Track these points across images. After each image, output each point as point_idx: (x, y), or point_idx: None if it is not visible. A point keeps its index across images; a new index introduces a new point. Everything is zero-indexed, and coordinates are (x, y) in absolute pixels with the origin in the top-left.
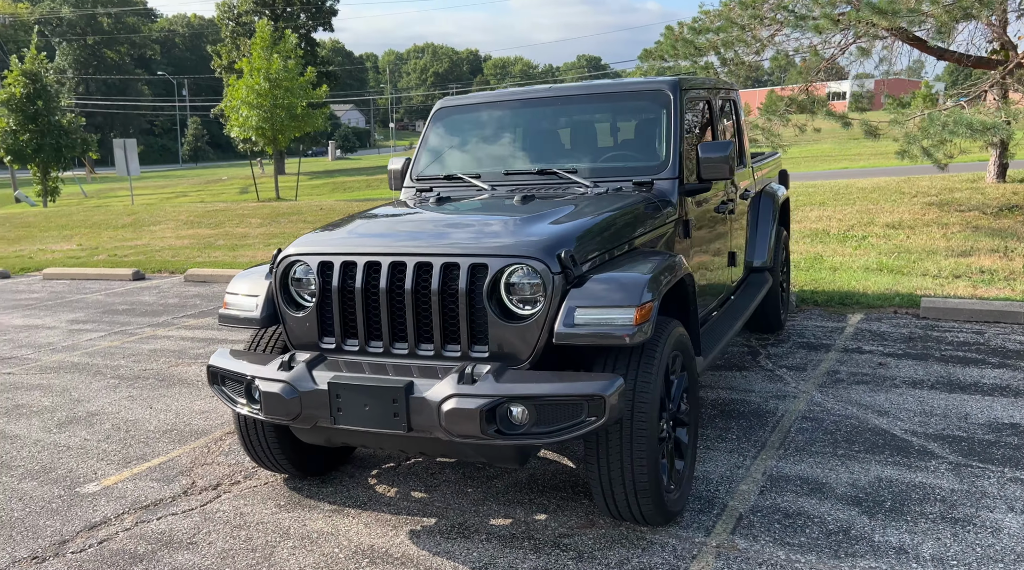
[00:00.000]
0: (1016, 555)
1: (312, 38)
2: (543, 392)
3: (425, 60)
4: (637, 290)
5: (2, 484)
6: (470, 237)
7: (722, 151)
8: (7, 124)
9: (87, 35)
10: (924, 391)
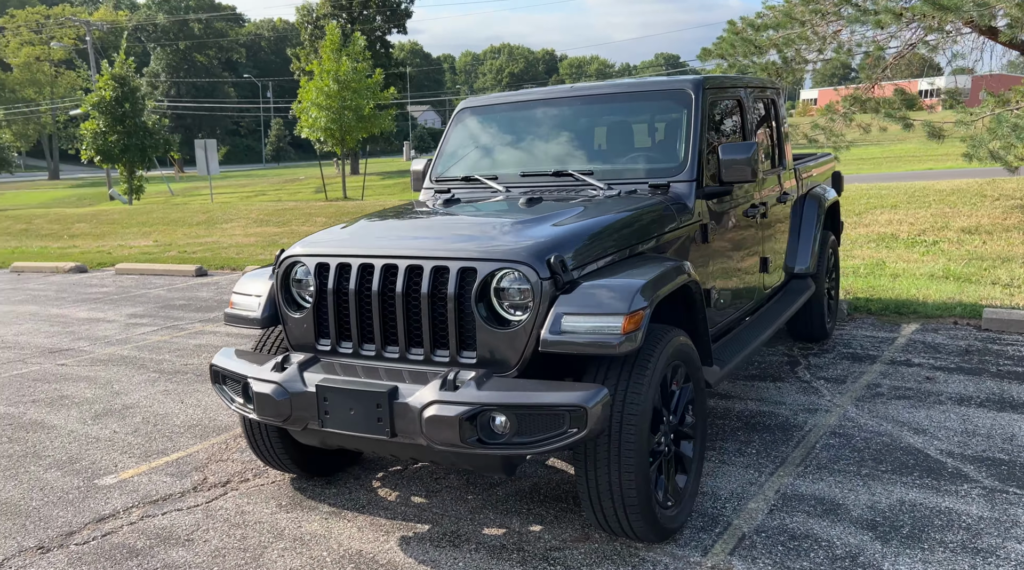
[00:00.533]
0: None
1: (387, 40)
2: (523, 401)
3: (501, 61)
4: (627, 298)
5: (29, 473)
6: (462, 240)
7: (744, 153)
8: (97, 126)
9: (179, 40)
10: (970, 409)
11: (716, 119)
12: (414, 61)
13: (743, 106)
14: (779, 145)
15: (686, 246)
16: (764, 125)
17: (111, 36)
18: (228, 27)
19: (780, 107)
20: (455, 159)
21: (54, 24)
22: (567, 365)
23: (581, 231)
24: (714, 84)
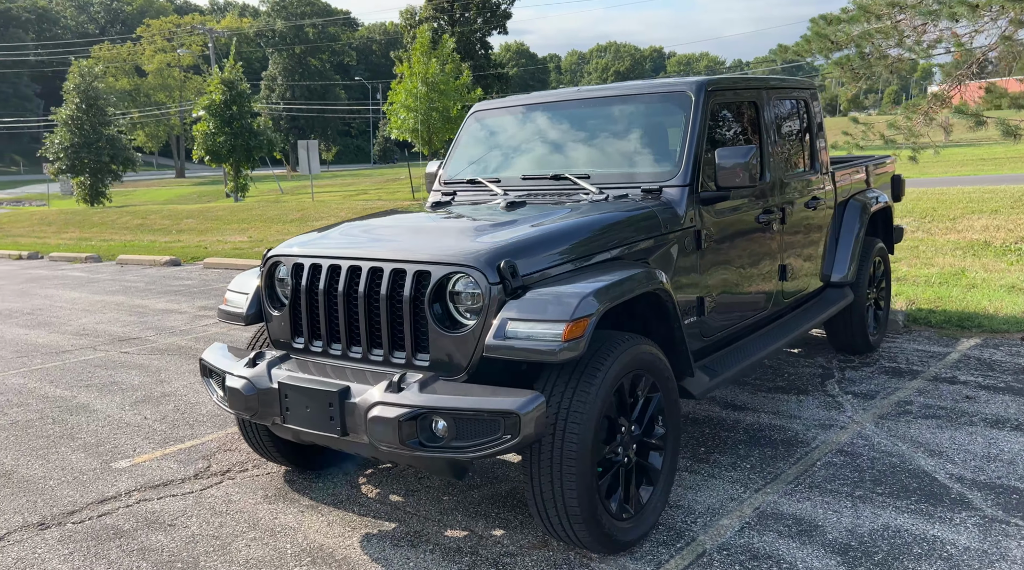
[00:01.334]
0: None
1: (487, 42)
2: (459, 406)
3: (607, 59)
4: (570, 305)
5: (58, 454)
6: (423, 244)
7: (741, 157)
8: (207, 127)
9: (295, 45)
10: (1003, 432)
11: (724, 123)
12: (519, 62)
13: (760, 109)
14: (811, 148)
15: (672, 253)
16: (790, 128)
17: (236, 42)
18: (340, 31)
19: (813, 109)
20: (464, 161)
21: (183, 32)
22: (529, 371)
23: (541, 237)
24: (720, 86)
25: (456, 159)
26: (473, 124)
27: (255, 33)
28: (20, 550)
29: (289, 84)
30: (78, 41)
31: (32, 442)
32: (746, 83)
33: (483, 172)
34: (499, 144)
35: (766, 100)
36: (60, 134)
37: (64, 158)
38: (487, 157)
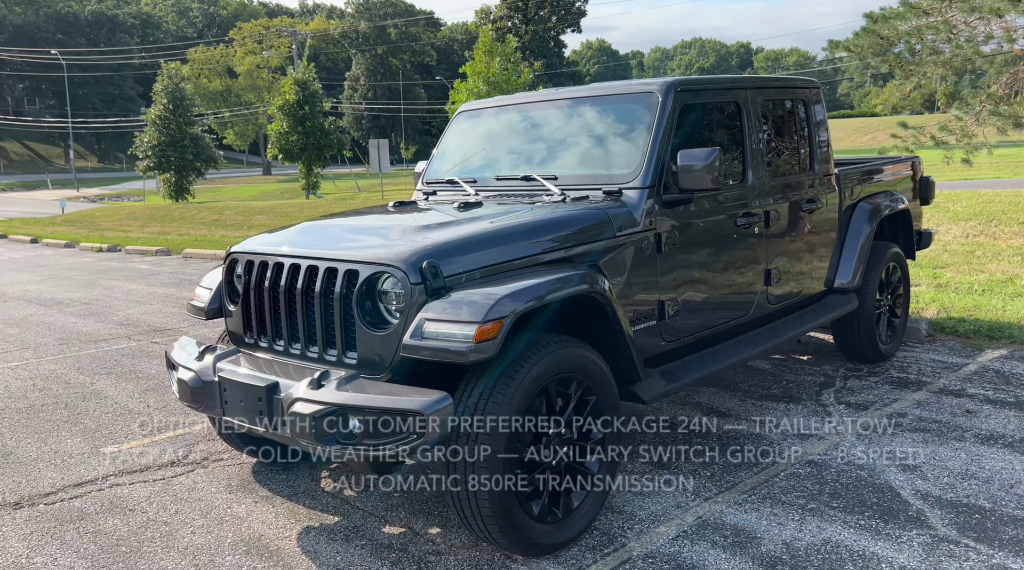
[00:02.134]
0: None
1: (560, 40)
2: (368, 404)
3: (691, 55)
4: (483, 307)
5: (58, 437)
6: (360, 243)
7: (702, 160)
8: (281, 126)
9: (377, 46)
10: (991, 449)
11: (699, 124)
12: (600, 59)
13: (743, 109)
14: (810, 149)
15: (627, 255)
16: (783, 129)
17: (322, 43)
18: (422, 31)
19: (813, 109)
20: (447, 161)
21: (272, 35)
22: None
23: (473, 239)
24: (691, 86)
25: (439, 159)
26: (459, 124)
27: (340, 34)
28: None
29: (371, 84)
30: (177, 44)
31: (38, 425)
32: (726, 83)
33: (463, 172)
34: (479, 144)
35: (751, 100)
36: (149, 133)
37: (152, 156)
38: (469, 156)
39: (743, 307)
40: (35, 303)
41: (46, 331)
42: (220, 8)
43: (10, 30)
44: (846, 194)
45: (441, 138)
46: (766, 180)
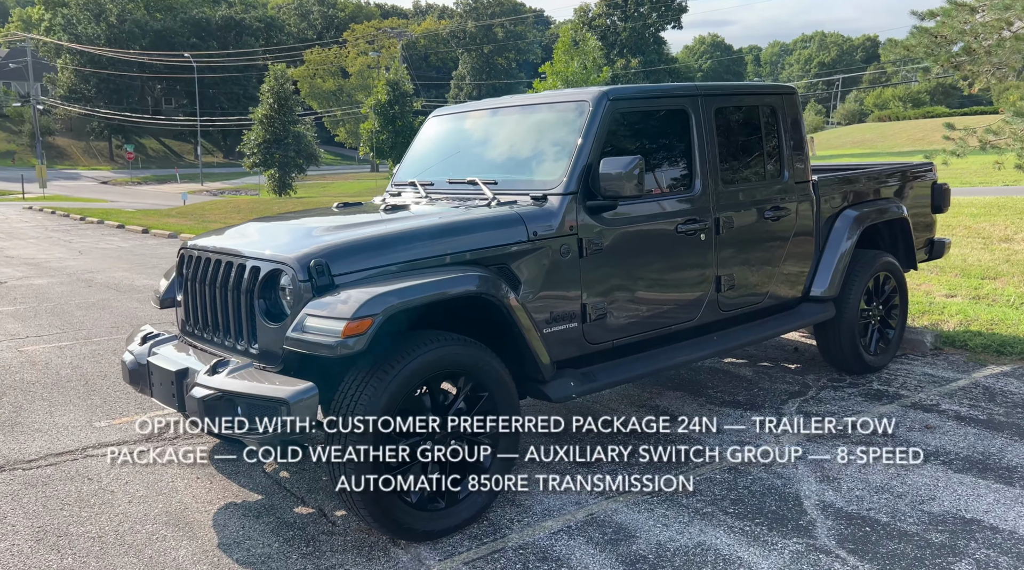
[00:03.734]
0: None
1: (660, 37)
2: (243, 391)
3: (811, 50)
4: (355, 304)
5: (66, 409)
6: (271, 242)
7: (622, 167)
8: (373, 125)
9: (484, 45)
10: (925, 465)
11: (637, 132)
12: (713, 54)
13: (691, 118)
14: (778, 156)
15: (543, 259)
16: (744, 136)
17: (432, 43)
18: (529, 29)
19: (784, 115)
20: (413, 164)
21: (383, 36)
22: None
23: (371, 240)
24: (626, 95)
25: (408, 161)
26: (429, 130)
27: (448, 34)
28: None
29: (476, 83)
30: (297, 46)
31: (54, 399)
32: (670, 91)
33: (424, 174)
34: (442, 148)
35: (702, 109)
36: (256, 131)
37: (258, 153)
38: (432, 160)
39: (687, 313)
40: (113, 289)
41: (107, 315)
42: (338, 10)
43: (151, 35)
44: (826, 202)
45: (413, 142)
46: (718, 187)
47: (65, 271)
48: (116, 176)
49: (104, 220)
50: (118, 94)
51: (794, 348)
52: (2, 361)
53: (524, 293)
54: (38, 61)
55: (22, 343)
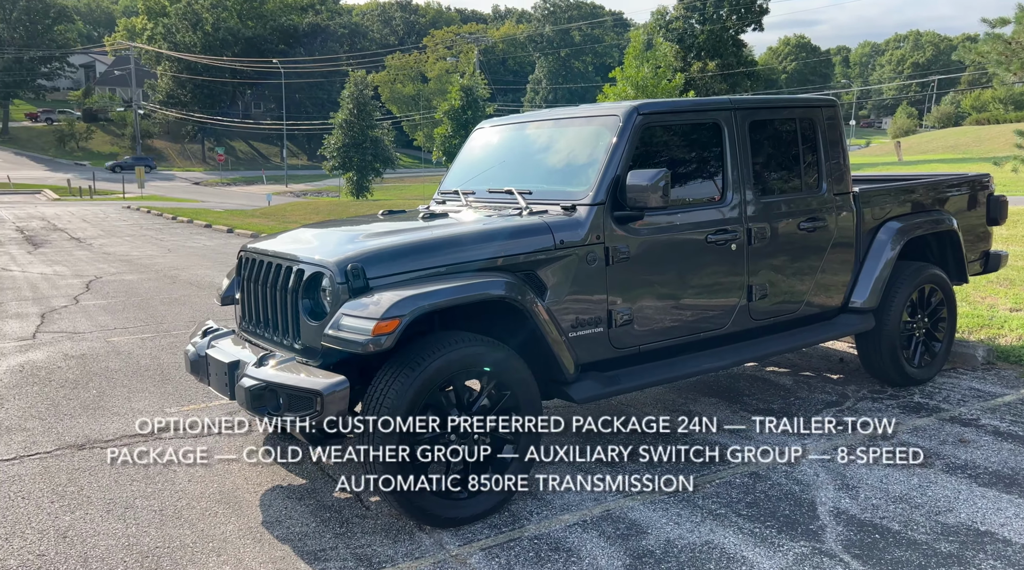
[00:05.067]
0: None
1: (739, 40)
2: (283, 382)
3: (904, 50)
4: (385, 305)
5: (141, 395)
6: (321, 248)
7: (647, 180)
8: (446, 130)
9: (560, 48)
10: (950, 478)
11: (667, 145)
12: (799, 55)
13: (724, 131)
14: (817, 169)
15: (570, 267)
16: (781, 149)
17: (510, 48)
18: (606, 32)
19: (823, 128)
20: (459, 173)
21: (462, 41)
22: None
23: (407, 247)
24: (657, 110)
25: (454, 171)
26: (474, 141)
27: (525, 38)
28: (38, 465)
29: (552, 87)
30: (380, 52)
31: (132, 385)
32: (703, 105)
33: (467, 184)
34: (487, 158)
35: (735, 122)
36: (335, 136)
37: (337, 156)
38: (476, 170)
39: (717, 320)
40: (195, 285)
41: (186, 310)
42: (419, 16)
43: (242, 43)
44: (867, 213)
45: (459, 153)
46: (751, 199)
47: (154, 268)
48: (207, 177)
49: (193, 220)
50: (211, 99)
51: (839, 359)
52: (92, 350)
53: (551, 298)
54: (140, 68)
55: (110, 334)
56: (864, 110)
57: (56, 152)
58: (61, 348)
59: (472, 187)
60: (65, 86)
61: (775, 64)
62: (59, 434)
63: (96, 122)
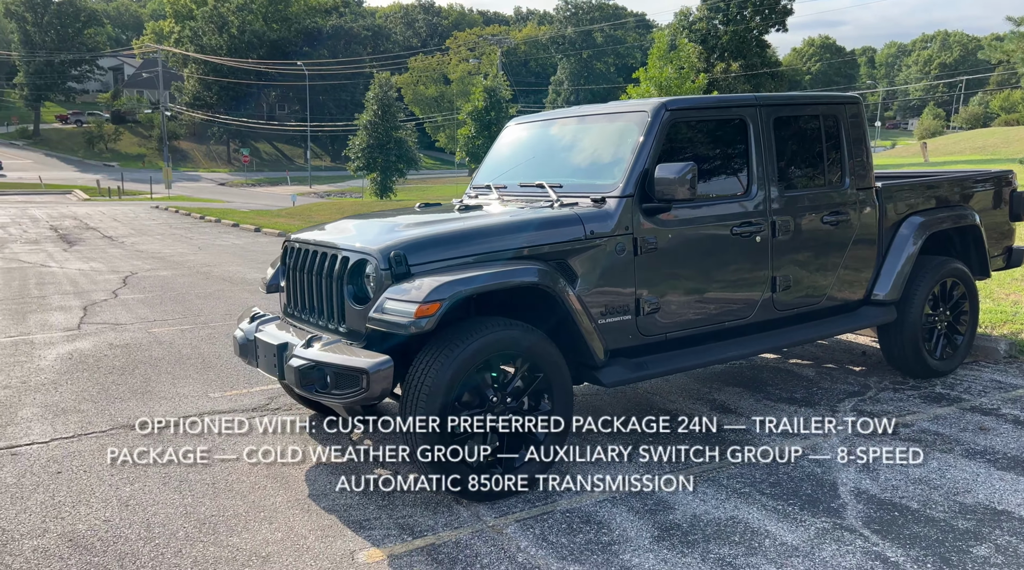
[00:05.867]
0: None
1: (763, 40)
2: (331, 361)
3: (931, 50)
4: (425, 290)
5: (186, 382)
6: (364, 237)
7: (675, 173)
8: (470, 131)
9: (583, 50)
10: (970, 462)
11: (694, 141)
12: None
13: (750, 126)
14: (840, 164)
15: (599, 256)
16: (805, 145)
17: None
18: (628, 33)
19: (846, 124)
20: (491, 168)
21: (484, 43)
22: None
23: (444, 236)
24: (684, 106)
25: (486, 166)
26: (505, 138)
27: (548, 40)
28: (95, 442)
29: (574, 88)
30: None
31: (176, 372)
32: (728, 102)
33: (499, 178)
34: (517, 153)
35: (761, 118)
36: (360, 137)
37: (361, 157)
38: (507, 164)
39: (741, 310)
40: (227, 281)
41: (221, 304)
42: (442, 18)
43: (267, 45)
44: (890, 208)
45: (492, 149)
46: (775, 193)
47: (186, 265)
48: (233, 178)
49: (221, 219)
50: (236, 101)
51: (862, 352)
52: (135, 340)
53: (581, 286)
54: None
55: (150, 325)
56: (890, 111)
57: (85, 153)
58: (106, 338)
59: (504, 181)
60: (94, 88)
61: (799, 65)
62: (111, 415)
63: (124, 124)
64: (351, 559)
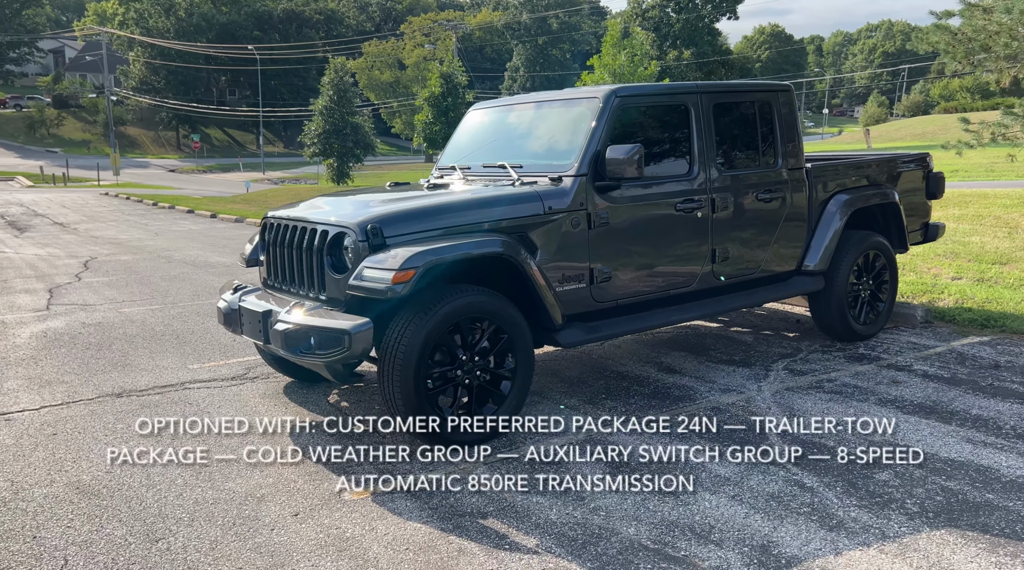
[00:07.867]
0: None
1: (714, 28)
2: (315, 324)
3: (876, 39)
4: (401, 259)
5: (163, 355)
6: (340, 212)
7: (623, 154)
8: (426, 117)
9: (538, 36)
10: (882, 408)
11: (642, 124)
12: (773, 44)
13: (691, 112)
14: (773, 146)
15: (557, 230)
16: (741, 128)
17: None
18: (584, 20)
19: (779, 110)
20: (455, 150)
21: (439, 28)
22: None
23: (415, 210)
24: (633, 93)
25: (450, 148)
26: (468, 121)
27: (503, 25)
28: (85, 408)
29: (530, 74)
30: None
31: (153, 347)
32: (672, 89)
33: (462, 159)
34: (479, 137)
35: (702, 104)
36: (316, 122)
37: (317, 143)
38: (470, 147)
39: (685, 279)
40: (190, 264)
41: (187, 285)
42: (396, 3)
43: (217, 28)
44: (818, 187)
45: (455, 132)
46: (714, 173)
47: (145, 249)
48: (183, 165)
49: (175, 205)
50: (185, 85)
51: (796, 320)
52: (107, 319)
53: (541, 257)
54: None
55: (120, 306)
56: (837, 99)
57: (26, 139)
58: (77, 317)
59: (468, 162)
60: (34, 71)
61: (750, 53)
62: (96, 385)
63: (67, 109)
64: (339, 497)
